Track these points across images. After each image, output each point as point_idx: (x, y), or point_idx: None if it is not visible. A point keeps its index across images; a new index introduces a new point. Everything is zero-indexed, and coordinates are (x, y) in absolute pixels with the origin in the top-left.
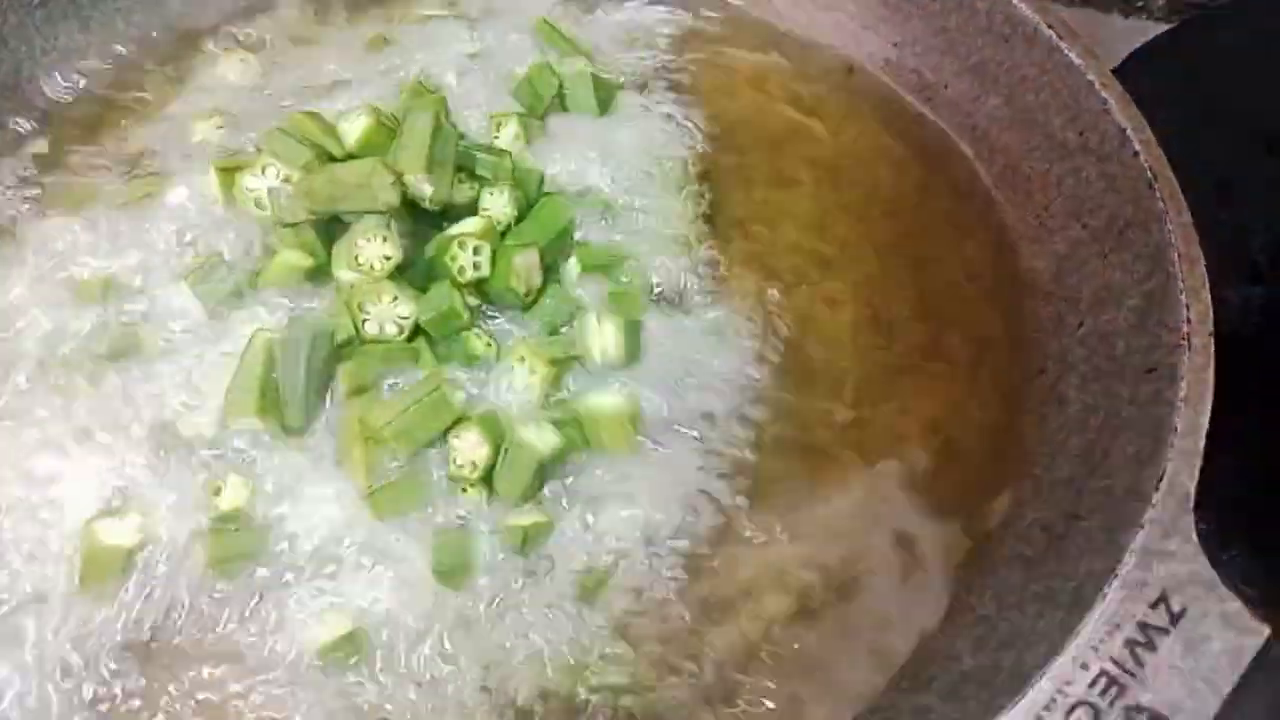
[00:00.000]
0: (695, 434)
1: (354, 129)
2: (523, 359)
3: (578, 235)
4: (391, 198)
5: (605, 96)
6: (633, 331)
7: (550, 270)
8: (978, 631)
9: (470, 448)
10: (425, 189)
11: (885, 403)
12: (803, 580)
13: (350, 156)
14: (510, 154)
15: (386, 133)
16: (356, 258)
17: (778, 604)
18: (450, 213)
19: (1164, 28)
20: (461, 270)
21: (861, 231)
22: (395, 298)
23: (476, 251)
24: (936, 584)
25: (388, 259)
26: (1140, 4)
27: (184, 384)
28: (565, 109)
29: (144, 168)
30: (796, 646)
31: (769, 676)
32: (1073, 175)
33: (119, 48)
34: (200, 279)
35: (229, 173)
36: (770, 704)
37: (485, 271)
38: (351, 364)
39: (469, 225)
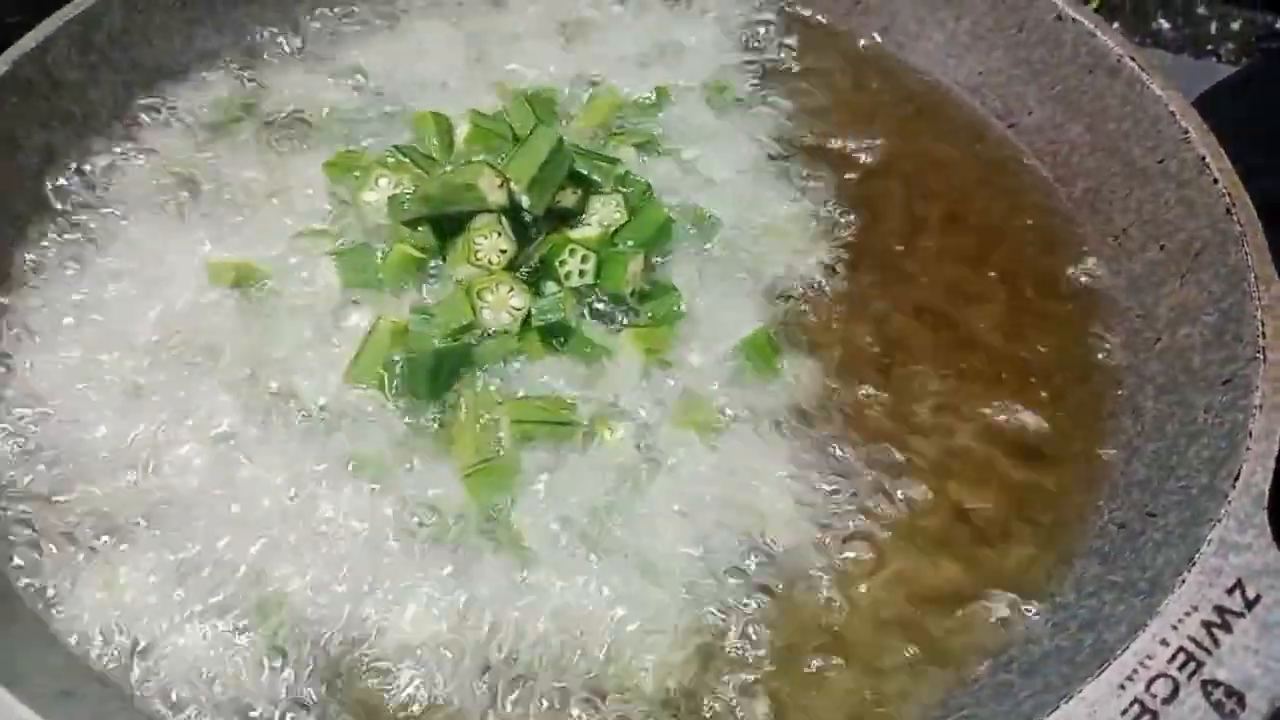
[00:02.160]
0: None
1: (459, 134)
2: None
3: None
4: (500, 198)
5: None
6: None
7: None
8: (1057, 617)
9: None
10: (524, 200)
11: (965, 409)
12: None
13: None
14: (620, 162)
15: (489, 135)
16: (475, 253)
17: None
18: (554, 213)
19: (1232, 69)
20: (569, 275)
21: (944, 245)
22: (511, 288)
23: (584, 260)
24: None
25: (503, 252)
26: (1210, 46)
27: (307, 354)
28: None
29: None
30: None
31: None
32: (1152, 200)
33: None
34: (345, 253)
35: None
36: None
37: (590, 279)
38: (470, 350)
39: (584, 233)
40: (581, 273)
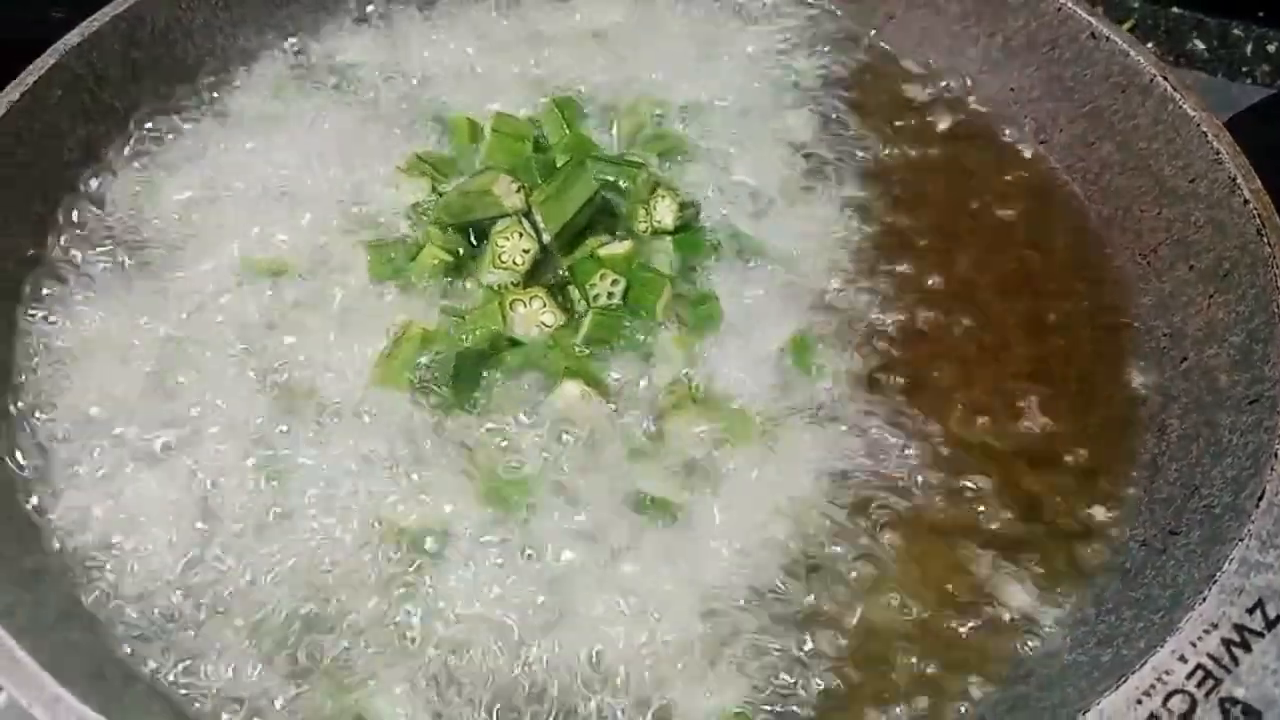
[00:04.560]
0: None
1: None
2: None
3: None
4: (517, 203)
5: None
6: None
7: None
8: (1076, 632)
9: None
10: (551, 244)
11: (992, 418)
12: None
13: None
14: (647, 167)
15: (512, 141)
16: (499, 256)
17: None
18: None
19: (1267, 91)
20: (597, 297)
21: (975, 259)
22: (544, 304)
23: (614, 284)
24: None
25: (526, 252)
26: (1245, 68)
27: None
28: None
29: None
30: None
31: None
32: (1182, 220)
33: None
34: (377, 249)
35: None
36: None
37: (619, 300)
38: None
39: (612, 250)
40: (610, 294)
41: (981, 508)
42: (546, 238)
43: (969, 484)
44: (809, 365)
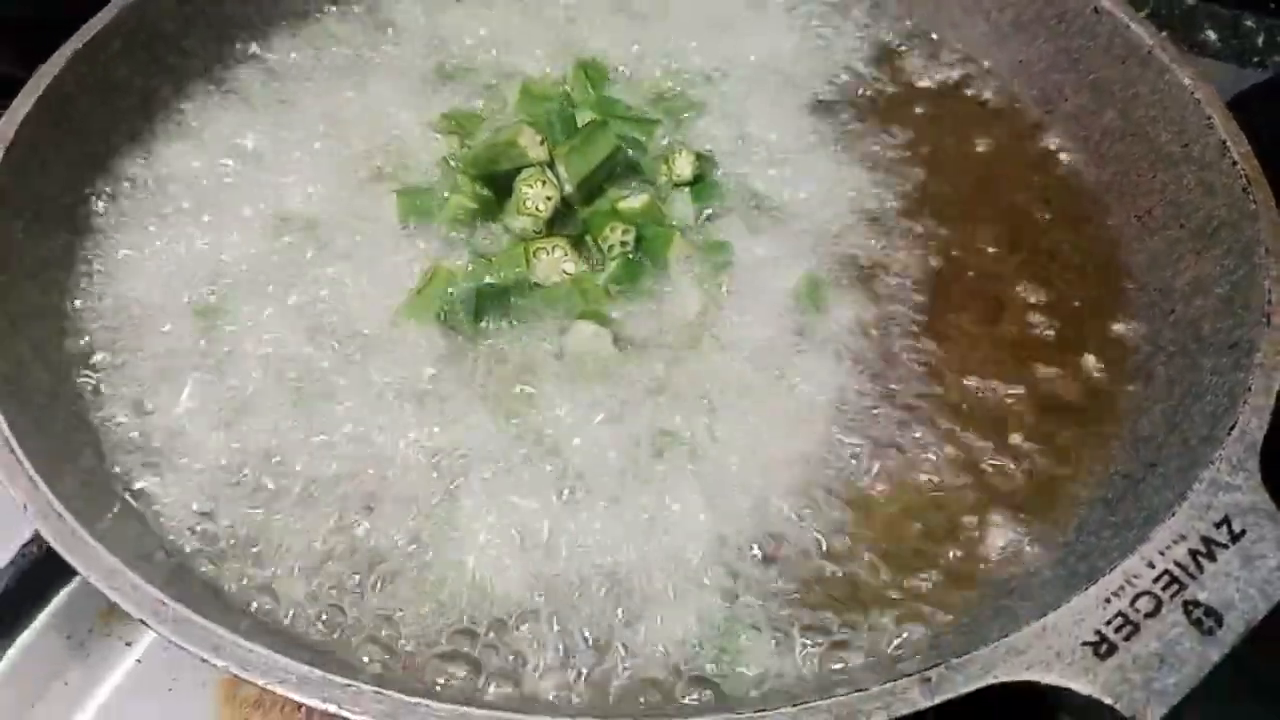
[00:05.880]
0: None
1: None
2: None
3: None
4: (542, 154)
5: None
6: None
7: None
8: (1058, 554)
9: None
10: (572, 194)
11: (992, 363)
12: None
13: None
14: (661, 122)
15: (539, 100)
16: (524, 202)
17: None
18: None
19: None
20: (611, 248)
21: (982, 219)
22: (565, 254)
23: (625, 234)
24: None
25: (549, 199)
26: (1257, 58)
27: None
28: None
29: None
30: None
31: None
32: (1175, 182)
33: None
34: (407, 192)
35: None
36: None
37: (630, 250)
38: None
39: (630, 204)
40: (624, 243)
41: (974, 443)
42: (568, 189)
43: (969, 431)
44: (819, 304)
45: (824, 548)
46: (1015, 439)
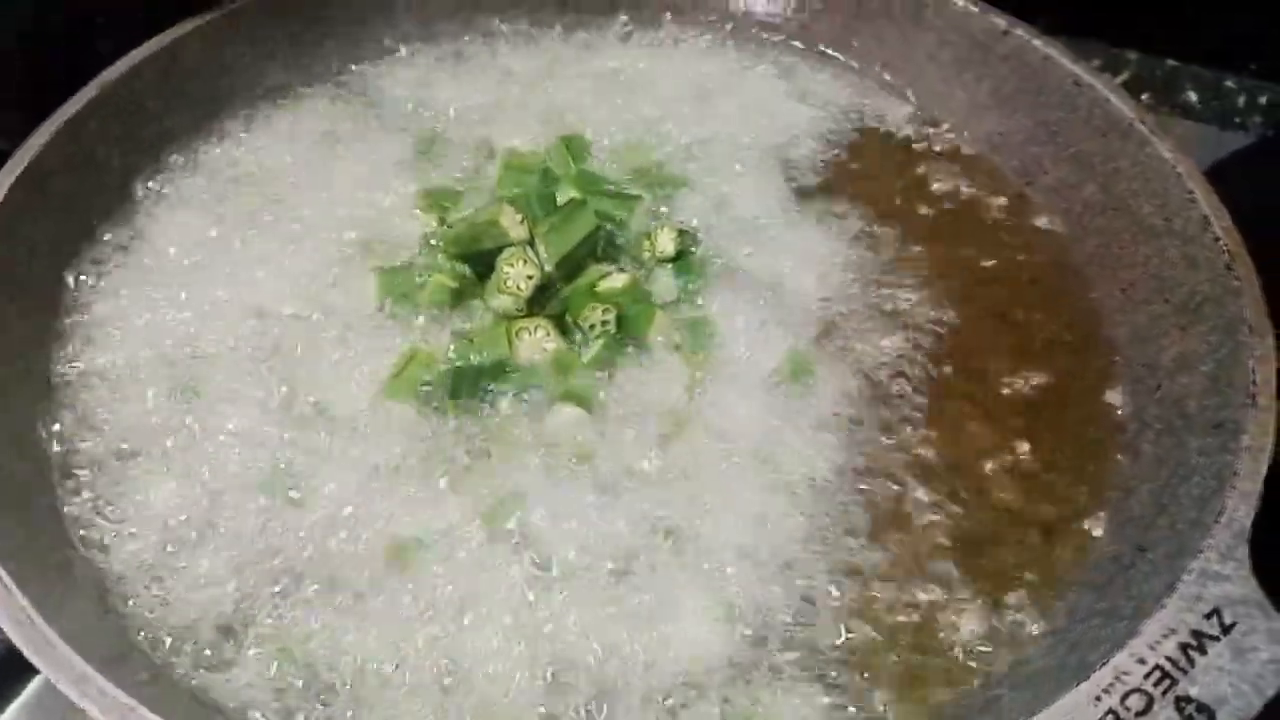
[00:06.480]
0: None
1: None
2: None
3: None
4: (522, 233)
5: None
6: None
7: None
8: (1049, 641)
9: None
10: (551, 271)
11: (975, 440)
12: None
13: None
14: (642, 199)
15: (521, 174)
16: (504, 281)
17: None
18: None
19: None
20: (592, 327)
21: (963, 292)
22: (547, 333)
23: (605, 314)
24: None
25: (529, 278)
26: (1238, 120)
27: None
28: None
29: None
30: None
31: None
32: (1158, 255)
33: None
34: (387, 271)
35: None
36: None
37: (613, 329)
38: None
39: (613, 282)
40: (604, 323)
41: (959, 525)
42: (548, 267)
43: (948, 497)
44: (804, 380)
45: (815, 638)
46: (1003, 520)
